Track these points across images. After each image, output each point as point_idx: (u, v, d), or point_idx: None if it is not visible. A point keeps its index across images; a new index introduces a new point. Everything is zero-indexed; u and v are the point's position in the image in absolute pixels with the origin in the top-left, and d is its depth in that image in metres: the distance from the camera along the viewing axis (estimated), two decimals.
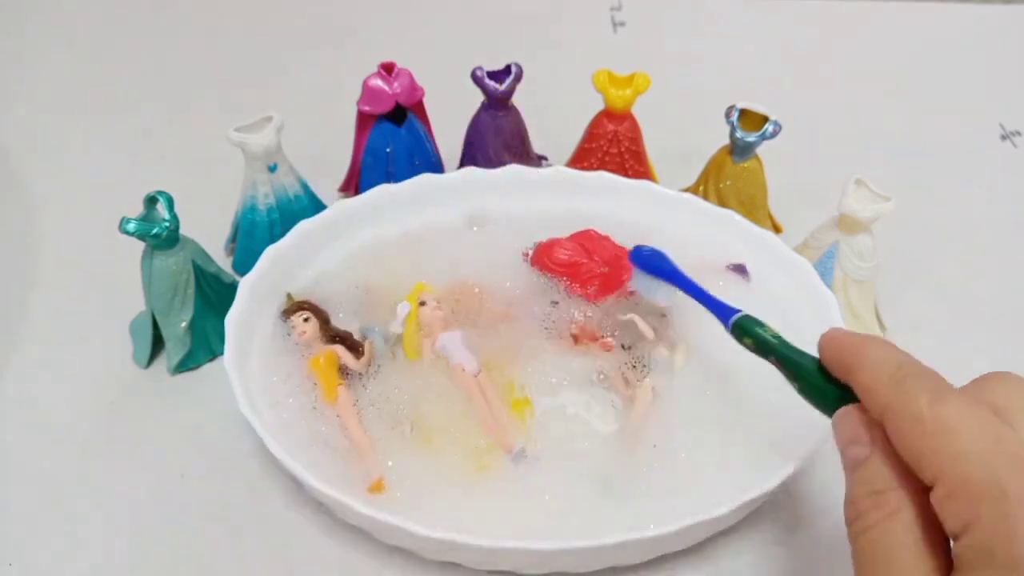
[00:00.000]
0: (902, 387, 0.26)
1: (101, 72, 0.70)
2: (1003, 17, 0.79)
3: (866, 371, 0.28)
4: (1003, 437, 0.24)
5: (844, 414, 0.29)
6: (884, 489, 0.26)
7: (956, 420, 0.25)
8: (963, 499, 0.23)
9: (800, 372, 0.32)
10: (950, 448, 0.24)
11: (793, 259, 0.45)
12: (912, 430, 0.25)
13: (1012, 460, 0.23)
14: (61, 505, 0.40)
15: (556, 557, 0.34)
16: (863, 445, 0.27)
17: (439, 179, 0.50)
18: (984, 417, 0.25)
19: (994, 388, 0.27)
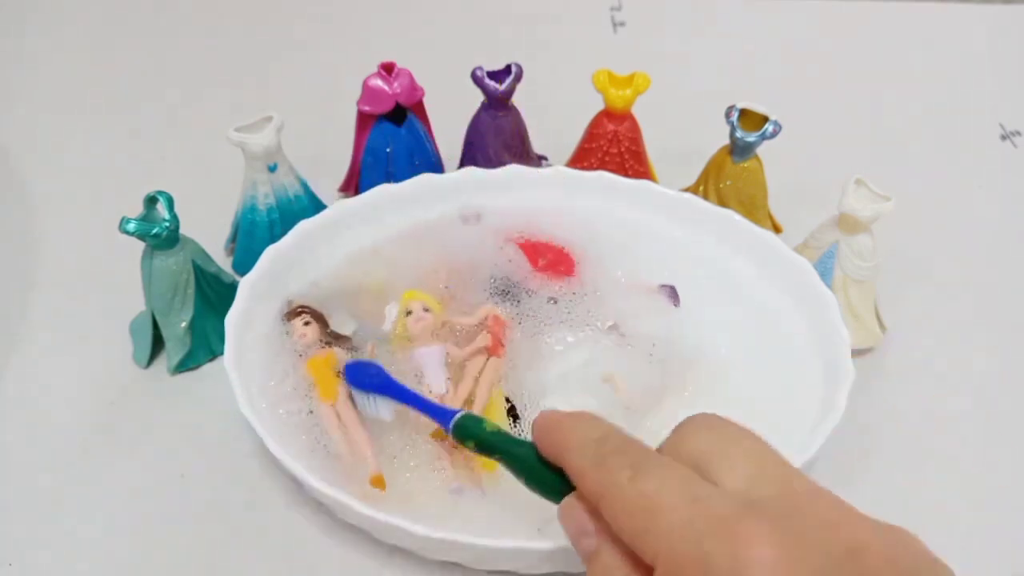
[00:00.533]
0: (604, 466, 0.26)
1: (101, 72, 0.70)
2: (1003, 17, 0.79)
3: (572, 453, 0.27)
4: (700, 497, 0.24)
5: (567, 506, 0.28)
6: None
7: (656, 493, 0.24)
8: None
9: (522, 466, 0.31)
10: (656, 526, 0.24)
11: (793, 259, 0.45)
12: (621, 512, 0.25)
13: (712, 525, 0.23)
14: (61, 505, 0.40)
15: (556, 557, 0.34)
16: (590, 536, 0.27)
17: (439, 179, 0.50)
18: (682, 481, 0.25)
19: (696, 436, 0.27)
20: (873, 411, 0.44)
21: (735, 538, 0.22)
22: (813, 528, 0.23)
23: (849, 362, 0.40)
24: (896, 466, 0.42)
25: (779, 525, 0.23)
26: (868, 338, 0.47)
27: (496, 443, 0.32)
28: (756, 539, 0.22)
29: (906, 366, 0.47)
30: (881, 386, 0.46)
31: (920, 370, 0.47)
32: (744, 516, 0.23)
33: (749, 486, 0.25)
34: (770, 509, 0.24)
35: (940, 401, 0.46)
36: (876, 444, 0.43)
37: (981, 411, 0.45)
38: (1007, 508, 0.41)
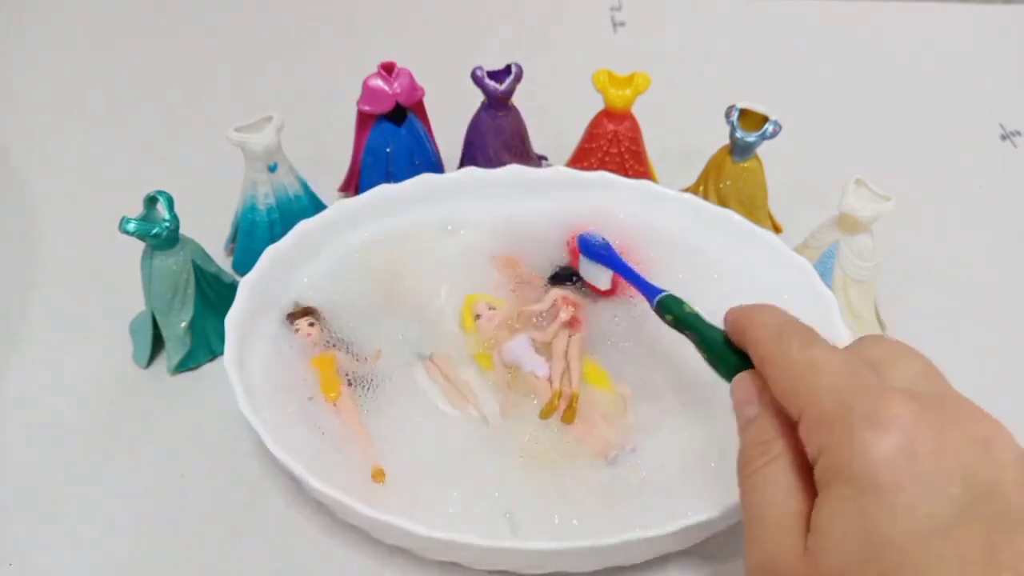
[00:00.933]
0: (779, 338, 0.29)
1: (101, 72, 0.70)
2: (1003, 17, 0.79)
3: (754, 329, 0.31)
4: (858, 372, 0.26)
5: (740, 379, 0.31)
6: (769, 439, 0.28)
7: (819, 360, 0.27)
8: (820, 426, 0.25)
9: (709, 343, 0.34)
10: (812, 384, 0.26)
11: (793, 259, 0.45)
12: (783, 372, 0.28)
13: (863, 388, 0.25)
14: (61, 505, 0.40)
15: (556, 557, 0.34)
16: (754, 405, 0.29)
17: (439, 179, 0.50)
18: (844, 357, 0.27)
19: (869, 345, 0.29)
20: None
21: (880, 398, 0.24)
22: (956, 416, 0.25)
23: None
24: None
25: (923, 403, 0.25)
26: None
27: (692, 321, 0.36)
28: (899, 401, 0.24)
29: None
30: None
31: None
32: (894, 391, 0.25)
33: (909, 382, 0.26)
34: (920, 395, 0.25)
35: None
36: None
37: None
38: None
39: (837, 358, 0.27)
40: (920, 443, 0.23)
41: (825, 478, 0.25)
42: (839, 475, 0.24)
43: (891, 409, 0.24)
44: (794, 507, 0.26)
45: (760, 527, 0.26)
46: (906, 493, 0.23)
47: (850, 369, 0.26)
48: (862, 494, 0.23)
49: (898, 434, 0.24)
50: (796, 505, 0.26)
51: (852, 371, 0.26)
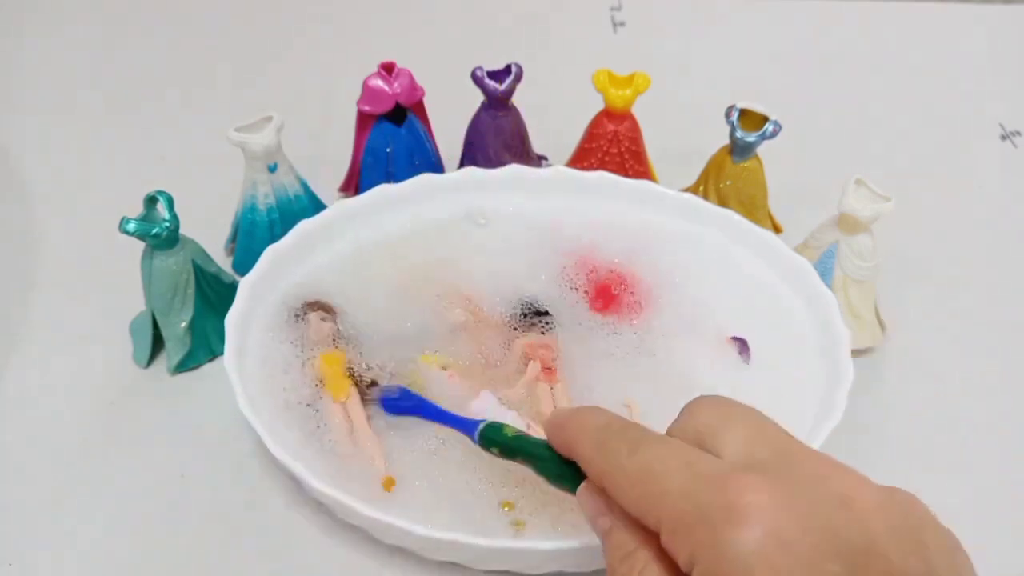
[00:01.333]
0: (606, 448, 0.27)
1: (101, 72, 0.70)
2: (1003, 17, 0.79)
3: (578, 442, 0.29)
4: (693, 461, 0.25)
5: (582, 491, 0.29)
6: (632, 550, 0.26)
7: (653, 462, 0.26)
8: (680, 535, 0.24)
9: (542, 463, 0.32)
10: (654, 490, 0.25)
11: (793, 259, 0.45)
12: (623, 486, 0.26)
13: (706, 482, 0.24)
14: (61, 505, 0.40)
15: (556, 557, 0.34)
16: (605, 516, 0.28)
17: (439, 179, 0.50)
18: (676, 450, 0.26)
19: (697, 414, 0.28)
20: (873, 411, 0.44)
21: (728, 488, 0.23)
22: (806, 479, 0.24)
23: (849, 362, 0.40)
24: (896, 466, 0.42)
25: (772, 476, 0.24)
26: (868, 338, 0.47)
27: (517, 446, 0.33)
28: (749, 487, 0.23)
29: (906, 366, 0.47)
30: (881, 386, 0.46)
31: (920, 370, 0.47)
32: (737, 471, 0.24)
33: (746, 451, 0.26)
34: (764, 466, 0.25)
35: (940, 401, 0.46)
36: (876, 444, 0.43)
37: (981, 411, 0.45)
38: (1008, 508, 0.41)
39: (670, 455, 0.26)
40: (783, 526, 0.22)
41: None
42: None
43: (743, 497, 0.23)
44: None
45: None
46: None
47: (687, 462, 0.25)
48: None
49: (759, 523, 0.23)
50: None
51: (689, 464, 0.25)
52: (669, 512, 0.25)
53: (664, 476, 0.25)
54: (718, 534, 0.23)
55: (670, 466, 0.25)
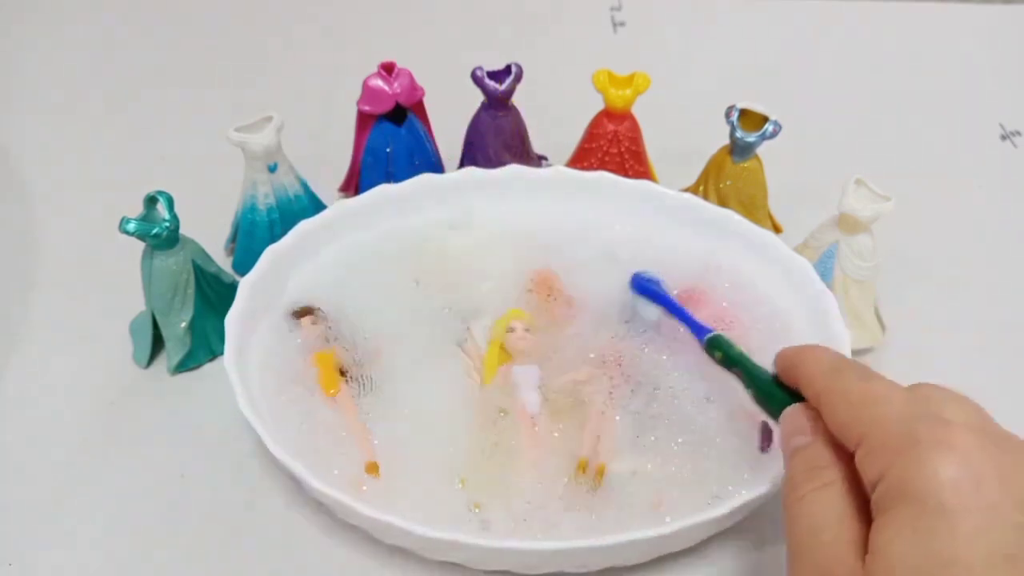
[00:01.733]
0: (837, 372, 0.30)
1: (101, 72, 0.70)
2: (1003, 17, 0.79)
3: (807, 365, 0.31)
4: (921, 403, 0.27)
5: (790, 411, 0.31)
6: (821, 466, 0.28)
7: (881, 392, 0.28)
8: (883, 452, 0.26)
9: (757, 380, 0.35)
10: (872, 413, 0.27)
11: (793, 259, 0.45)
12: (842, 403, 0.28)
13: (925, 416, 0.26)
14: (61, 505, 0.40)
15: (556, 557, 0.34)
16: (805, 435, 0.30)
17: (439, 179, 0.50)
18: (904, 391, 0.28)
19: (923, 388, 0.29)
20: None
21: (943, 428, 0.25)
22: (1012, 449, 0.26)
23: None
24: None
25: (985, 436, 0.25)
26: (868, 338, 0.47)
27: (740, 359, 0.37)
28: (960, 432, 0.25)
29: (906, 366, 0.47)
30: None
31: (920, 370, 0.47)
32: (957, 423, 0.26)
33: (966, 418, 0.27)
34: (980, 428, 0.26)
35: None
36: None
37: None
38: None
39: (898, 391, 0.28)
40: (985, 472, 0.24)
41: (885, 501, 0.25)
42: (902, 496, 0.24)
43: (956, 437, 0.25)
44: (847, 534, 0.26)
45: (811, 551, 0.26)
46: (973, 517, 0.23)
47: (913, 399, 0.27)
48: (926, 515, 0.24)
49: (964, 461, 0.24)
50: (850, 531, 0.26)
51: (915, 401, 0.27)
52: (879, 430, 0.26)
53: (887, 403, 0.27)
54: (922, 456, 0.24)
55: (894, 398, 0.27)
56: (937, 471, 0.24)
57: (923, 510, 0.24)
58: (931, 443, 0.25)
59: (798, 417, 0.31)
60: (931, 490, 0.24)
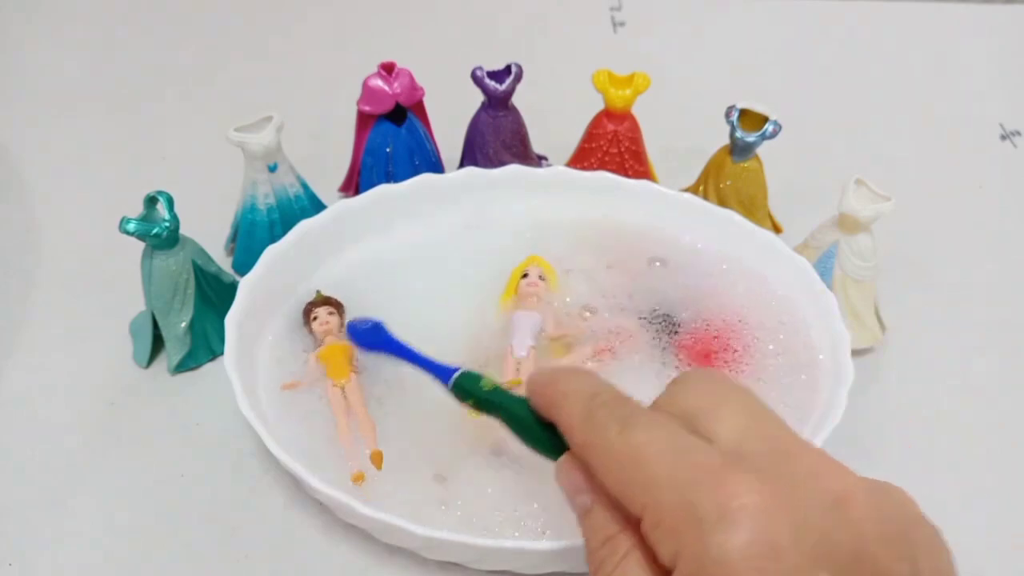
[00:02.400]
0: (593, 421, 0.26)
1: (101, 72, 0.70)
2: (1003, 17, 0.79)
3: (563, 409, 0.27)
4: (687, 449, 0.24)
5: (562, 464, 0.28)
6: (613, 534, 0.25)
7: (644, 445, 0.24)
8: (665, 528, 0.23)
9: (520, 422, 0.30)
10: (642, 476, 0.24)
11: (793, 259, 0.45)
12: (608, 465, 0.25)
13: (698, 474, 0.23)
14: (61, 505, 0.40)
15: (556, 557, 0.34)
16: (585, 494, 0.27)
17: (439, 179, 0.50)
18: (670, 434, 0.25)
19: (690, 390, 0.27)
20: (873, 411, 0.44)
21: (720, 487, 0.22)
22: (800, 478, 0.23)
23: (849, 362, 0.40)
24: (896, 466, 0.42)
25: (765, 475, 0.23)
26: (868, 338, 0.47)
27: (494, 400, 0.32)
28: (741, 487, 0.22)
29: (906, 366, 0.47)
30: (881, 386, 0.46)
31: (920, 370, 0.47)
32: (730, 467, 0.23)
33: (739, 440, 0.25)
34: (757, 461, 0.24)
35: (940, 401, 0.46)
36: (876, 444, 0.43)
37: (981, 411, 0.45)
38: (1007, 508, 0.41)
39: (662, 438, 0.24)
40: (774, 531, 0.22)
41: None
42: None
43: (736, 499, 0.22)
44: None
45: None
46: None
47: (678, 450, 0.24)
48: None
49: (751, 528, 0.22)
50: None
51: (681, 452, 0.24)
52: (655, 503, 0.23)
53: (654, 462, 0.24)
54: (706, 536, 0.22)
55: (661, 451, 0.24)
56: (726, 553, 0.21)
57: None
58: (712, 517, 0.22)
59: (572, 472, 0.27)
60: (728, 573, 0.21)
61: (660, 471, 0.24)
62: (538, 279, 0.45)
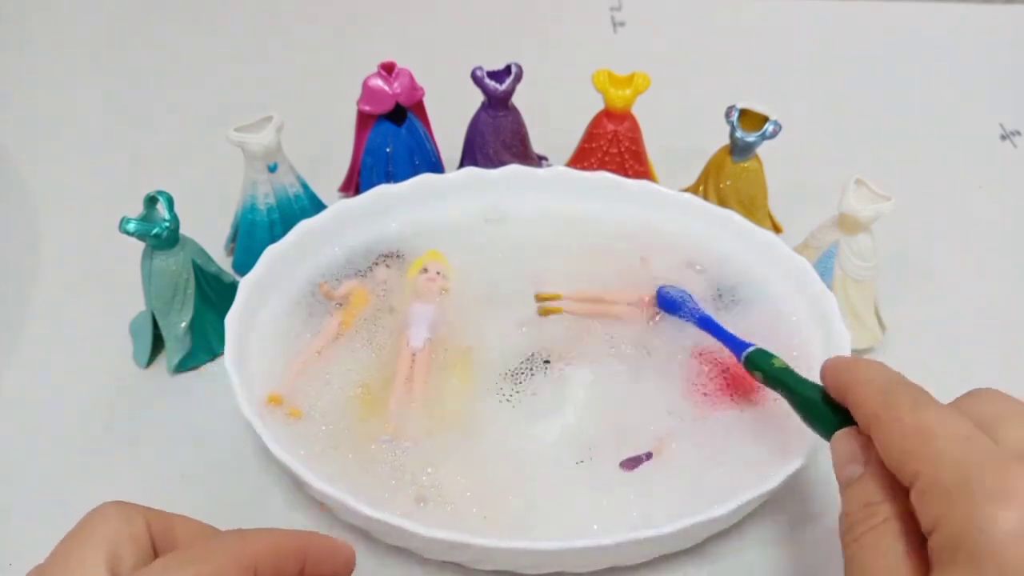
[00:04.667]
0: (888, 398, 0.28)
1: (101, 72, 0.70)
2: (1003, 17, 0.79)
3: (858, 386, 0.30)
4: (974, 437, 0.25)
5: (841, 436, 0.30)
6: (876, 502, 0.27)
7: (933, 424, 0.26)
8: (934, 497, 0.24)
9: (803, 400, 0.33)
10: (926, 450, 0.25)
11: (793, 259, 0.45)
12: (894, 435, 0.27)
13: (983, 457, 0.24)
14: (61, 505, 0.40)
15: (556, 557, 0.34)
16: (857, 464, 0.29)
17: (439, 179, 0.50)
18: (960, 421, 0.26)
19: (978, 401, 0.28)
20: None
21: (1002, 471, 0.23)
22: None
23: None
24: None
25: None
26: (868, 338, 0.47)
27: (782, 378, 0.35)
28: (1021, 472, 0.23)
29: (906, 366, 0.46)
30: None
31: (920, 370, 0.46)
32: (1014, 459, 0.24)
33: None
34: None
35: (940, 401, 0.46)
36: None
37: None
38: None
39: (952, 423, 0.26)
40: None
41: (942, 554, 0.24)
42: (959, 552, 0.23)
43: (1015, 482, 0.23)
44: None
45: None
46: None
47: (967, 435, 0.25)
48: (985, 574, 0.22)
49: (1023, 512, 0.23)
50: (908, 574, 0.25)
51: (970, 437, 0.25)
52: (932, 470, 0.25)
53: (941, 439, 0.25)
54: (978, 507, 0.23)
55: (949, 432, 0.26)
56: (994, 526, 0.22)
57: (984, 568, 0.22)
58: (987, 492, 0.23)
59: (849, 443, 0.29)
60: (988, 547, 0.22)
61: (945, 447, 0.25)
62: (436, 275, 0.46)
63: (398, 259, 0.47)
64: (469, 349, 0.43)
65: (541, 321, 0.44)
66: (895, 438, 0.27)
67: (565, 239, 0.49)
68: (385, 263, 0.47)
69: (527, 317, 0.44)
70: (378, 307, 0.45)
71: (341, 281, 0.46)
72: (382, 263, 0.47)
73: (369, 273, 0.46)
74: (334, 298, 0.45)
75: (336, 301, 0.45)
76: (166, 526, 0.28)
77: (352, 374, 0.41)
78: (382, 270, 0.46)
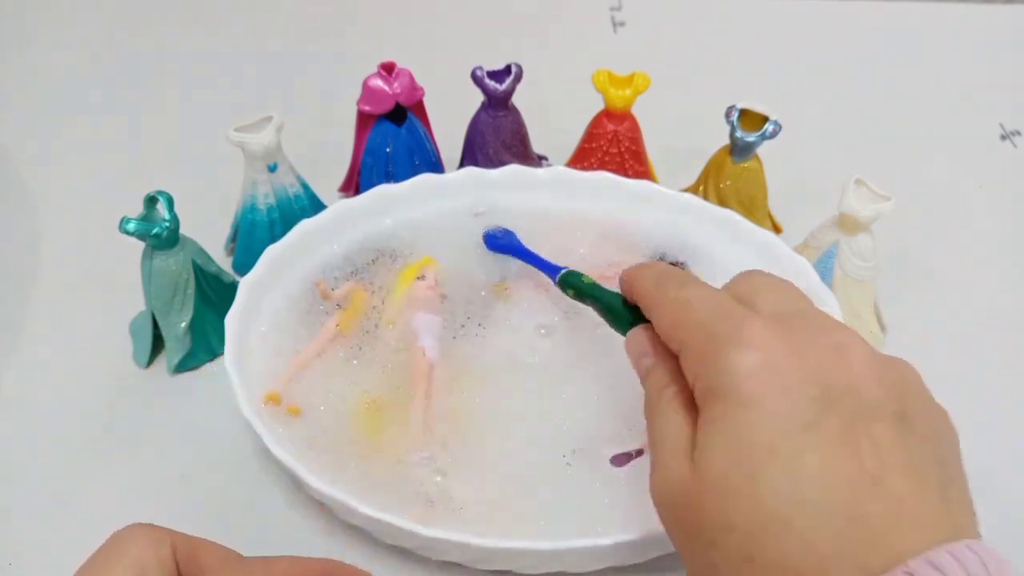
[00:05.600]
0: (659, 282, 0.32)
1: (101, 72, 0.70)
2: (1003, 17, 0.79)
3: (639, 280, 0.33)
4: (726, 304, 0.29)
5: (633, 333, 0.33)
6: (665, 384, 0.30)
7: (692, 298, 0.30)
8: (693, 356, 0.28)
9: (607, 306, 0.36)
10: (686, 318, 0.29)
11: (793, 259, 0.45)
12: (663, 312, 0.30)
13: (728, 317, 0.28)
14: (61, 505, 0.40)
15: (556, 557, 0.34)
16: (648, 356, 0.31)
17: (439, 179, 0.50)
18: (715, 294, 0.30)
19: (741, 280, 0.31)
20: None
21: (743, 325, 0.27)
22: (813, 329, 0.27)
23: None
24: None
25: (783, 322, 0.27)
26: (868, 338, 0.46)
27: (590, 291, 0.38)
28: (758, 325, 0.27)
29: None
30: None
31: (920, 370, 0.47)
32: (755, 316, 0.28)
33: (773, 308, 0.29)
34: (780, 315, 0.28)
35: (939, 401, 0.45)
36: None
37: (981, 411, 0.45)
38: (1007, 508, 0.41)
39: (709, 295, 0.29)
40: (779, 357, 0.26)
41: (702, 402, 0.27)
42: (712, 395, 0.26)
43: (751, 331, 0.26)
44: (684, 433, 0.28)
45: (658, 457, 0.28)
46: (770, 400, 0.25)
47: (719, 302, 0.29)
48: (732, 408, 0.25)
49: (758, 351, 0.26)
50: (685, 431, 0.28)
51: (720, 303, 0.29)
52: (690, 335, 0.28)
53: (697, 308, 0.29)
54: (721, 355, 0.26)
55: (704, 303, 0.29)
56: (735, 366, 0.26)
57: (729, 404, 0.26)
58: (727, 341, 0.26)
59: (640, 339, 0.32)
60: (733, 384, 0.26)
61: (699, 314, 0.29)
62: (435, 282, 0.45)
63: (398, 259, 0.47)
64: (473, 355, 0.42)
65: (541, 321, 0.44)
66: (665, 315, 0.30)
67: (565, 239, 0.48)
68: (385, 263, 0.46)
69: (528, 317, 0.44)
70: (377, 308, 0.45)
71: (340, 281, 0.46)
72: (382, 263, 0.46)
73: (368, 273, 0.46)
74: (332, 299, 0.44)
75: (334, 302, 0.44)
76: (192, 551, 0.29)
77: (353, 375, 0.41)
78: (382, 270, 0.46)
